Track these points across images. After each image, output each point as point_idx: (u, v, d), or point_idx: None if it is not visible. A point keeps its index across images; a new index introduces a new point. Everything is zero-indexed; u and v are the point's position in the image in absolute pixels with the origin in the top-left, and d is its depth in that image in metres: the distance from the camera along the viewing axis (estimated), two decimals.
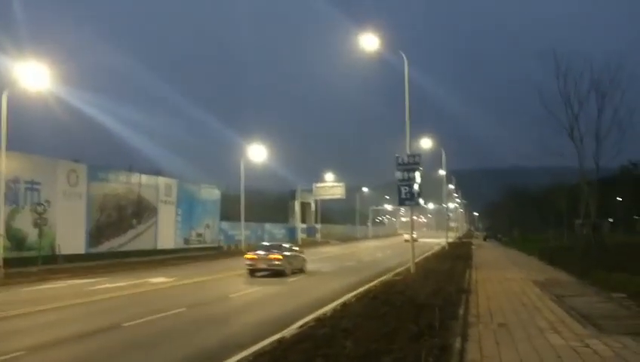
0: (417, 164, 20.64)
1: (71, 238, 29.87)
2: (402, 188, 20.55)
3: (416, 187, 20.46)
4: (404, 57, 21.09)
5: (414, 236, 22.97)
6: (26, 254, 25.75)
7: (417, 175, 20.49)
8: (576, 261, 22.60)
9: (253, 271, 22.36)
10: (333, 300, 13.83)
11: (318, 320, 10.32)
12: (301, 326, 9.94)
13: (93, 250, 31.60)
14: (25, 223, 26.27)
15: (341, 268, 27.22)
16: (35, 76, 22.22)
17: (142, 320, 11.19)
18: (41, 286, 18.52)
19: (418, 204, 21.08)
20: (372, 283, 17.77)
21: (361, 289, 16.06)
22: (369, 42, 20.84)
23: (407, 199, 20.65)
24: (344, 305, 12.24)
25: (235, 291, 16.68)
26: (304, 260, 25.15)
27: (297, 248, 27.03)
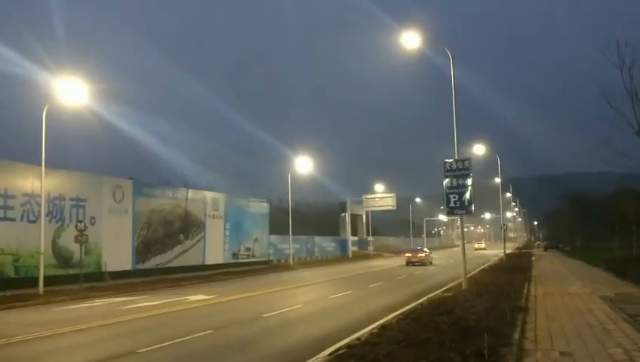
0: (467, 169, 19.17)
1: (117, 255, 29.87)
2: (451, 196, 19.15)
3: (467, 195, 18.99)
4: (449, 54, 19.72)
5: (483, 246, 27.26)
6: (72, 272, 25.71)
7: (468, 181, 19.02)
8: None
9: (408, 263, 40.70)
10: (372, 321, 12.55)
11: (349, 346, 9.14)
12: (331, 354, 8.79)
13: (140, 267, 31.51)
14: (70, 241, 26.28)
15: (390, 283, 25.84)
16: (75, 92, 22.19)
17: (161, 344, 10.32)
18: (76, 306, 18.13)
19: (469, 212, 19.50)
20: (418, 301, 16.34)
21: (405, 308, 14.70)
22: (414, 41, 19.65)
23: (457, 208, 19.20)
24: (382, 327, 10.95)
25: (271, 310, 15.63)
26: (432, 257, 44.47)
27: (428, 250, 47.01)
